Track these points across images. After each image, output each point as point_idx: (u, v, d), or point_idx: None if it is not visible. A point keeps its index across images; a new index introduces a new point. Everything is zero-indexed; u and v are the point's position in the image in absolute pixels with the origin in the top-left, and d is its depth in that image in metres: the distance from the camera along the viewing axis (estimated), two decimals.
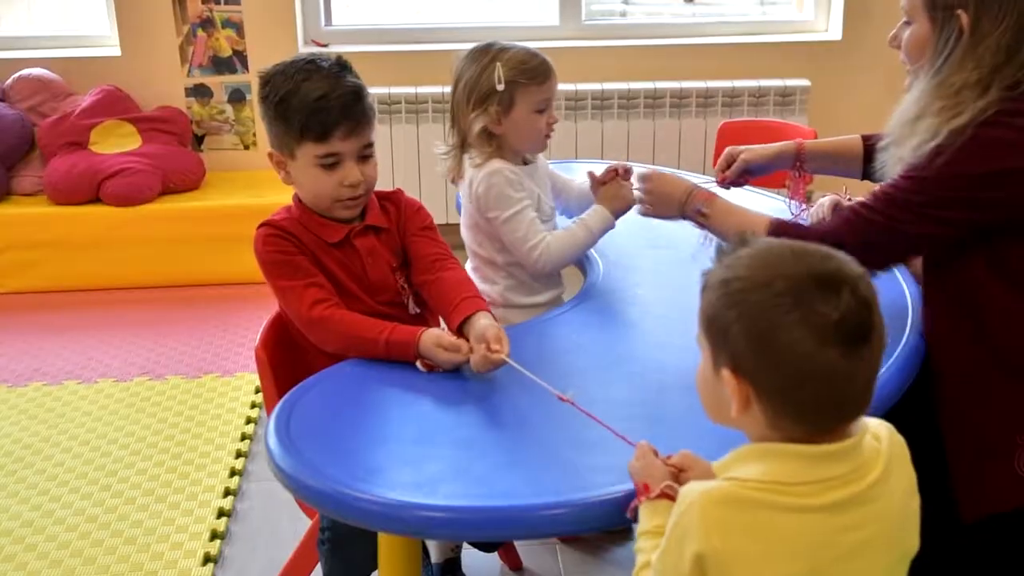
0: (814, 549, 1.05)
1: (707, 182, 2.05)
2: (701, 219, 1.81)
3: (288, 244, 1.74)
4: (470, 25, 4.05)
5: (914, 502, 1.15)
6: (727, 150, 2.10)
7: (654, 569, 1.10)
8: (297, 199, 1.80)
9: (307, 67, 1.71)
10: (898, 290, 1.81)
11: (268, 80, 1.73)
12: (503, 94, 1.94)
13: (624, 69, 3.91)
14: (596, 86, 3.84)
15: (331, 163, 1.71)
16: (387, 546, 1.49)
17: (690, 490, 1.08)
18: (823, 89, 3.88)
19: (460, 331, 1.65)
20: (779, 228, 1.70)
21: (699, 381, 1.16)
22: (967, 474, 1.62)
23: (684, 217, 1.85)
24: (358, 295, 1.75)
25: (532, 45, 2.07)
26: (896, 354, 1.63)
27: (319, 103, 1.67)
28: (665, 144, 3.89)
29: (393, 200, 1.86)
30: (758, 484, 1.05)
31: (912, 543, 1.14)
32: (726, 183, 2.09)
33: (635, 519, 1.22)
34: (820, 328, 1.02)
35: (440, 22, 4.13)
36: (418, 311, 1.82)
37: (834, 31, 4.01)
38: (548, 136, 2.03)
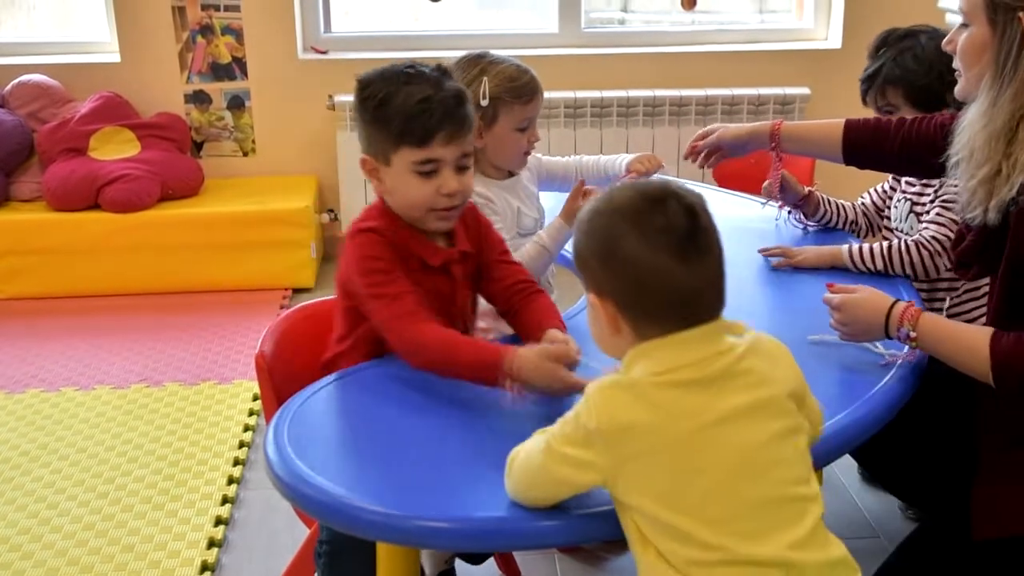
0: (691, 414, 1.17)
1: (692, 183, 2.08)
2: (911, 343, 1.60)
3: (392, 253, 1.65)
4: (469, 32, 4.05)
5: (799, 386, 1.26)
6: (707, 128, 2.18)
7: (553, 432, 1.22)
8: (386, 211, 1.70)
9: (408, 70, 1.64)
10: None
11: (367, 84, 1.66)
12: (486, 109, 1.93)
13: (623, 77, 3.92)
14: (595, 94, 3.84)
15: (429, 171, 1.62)
16: (385, 557, 1.48)
17: (591, 382, 1.23)
18: (823, 97, 3.88)
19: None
20: (999, 337, 1.52)
21: (588, 322, 1.29)
22: (991, 493, 1.58)
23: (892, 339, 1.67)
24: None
25: (531, 53, 2.08)
26: (895, 367, 1.63)
27: (420, 106, 1.60)
28: (664, 152, 3.86)
29: (471, 216, 1.78)
30: (639, 376, 1.20)
31: (795, 423, 1.23)
32: (695, 154, 2.19)
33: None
34: (651, 235, 1.18)
35: (439, 29, 4.13)
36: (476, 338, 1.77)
37: (834, 39, 4.02)
38: (527, 153, 2.04)
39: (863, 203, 2.30)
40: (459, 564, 2.07)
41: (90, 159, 3.73)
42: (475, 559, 2.00)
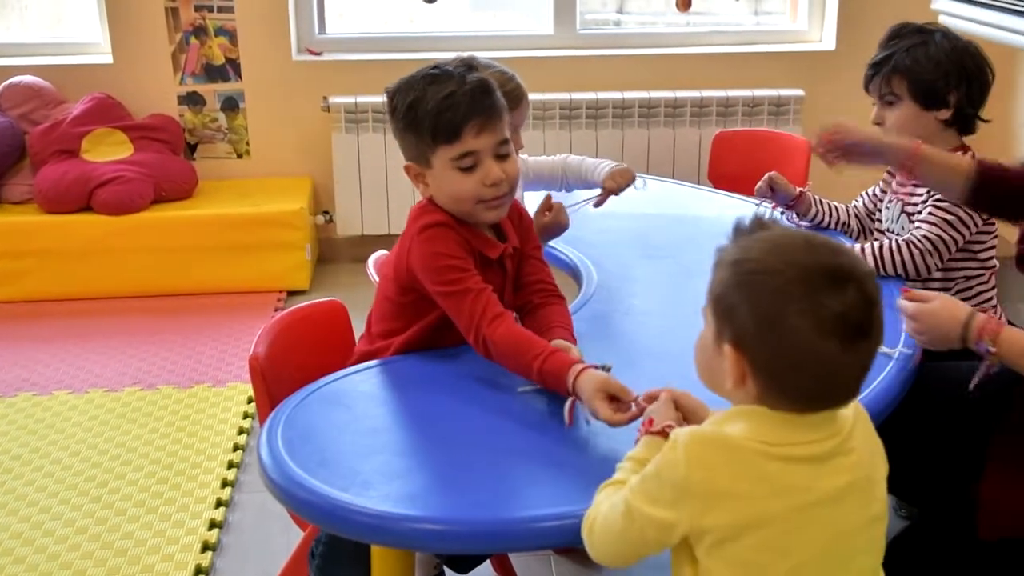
0: (794, 491, 1.10)
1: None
2: (990, 358, 1.58)
3: (462, 249, 1.65)
4: (464, 34, 4.05)
5: (883, 467, 1.20)
6: (841, 122, 1.96)
7: (633, 490, 1.14)
8: (440, 208, 1.69)
9: (432, 72, 1.65)
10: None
11: (394, 94, 1.67)
12: None
13: (618, 78, 3.91)
14: (591, 95, 3.83)
15: (469, 165, 1.62)
16: (380, 560, 1.47)
17: (680, 431, 1.14)
18: (817, 99, 3.89)
19: None
20: None
21: (698, 349, 1.20)
22: (998, 494, 1.58)
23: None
24: None
25: (526, 54, 2.07)
26: (889, 367, 1.63)
27: (446, 102, 1.60)
28: (659, 153, 3.89)
29: (516, 211, 1.78)
30: (743, 437, 1.11)
31: (883, 508, 1.19)
32: (827, 146, 1.98)
33: None
34: (824, 319, 1.06)
35: (434, 31, 4.12)
36: None
37: (828, 41, 4.02)
38: None
39: (855, 206, 2.31)
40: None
41: (82, 161, 3.72)
42: (463, 568, 1.98)
